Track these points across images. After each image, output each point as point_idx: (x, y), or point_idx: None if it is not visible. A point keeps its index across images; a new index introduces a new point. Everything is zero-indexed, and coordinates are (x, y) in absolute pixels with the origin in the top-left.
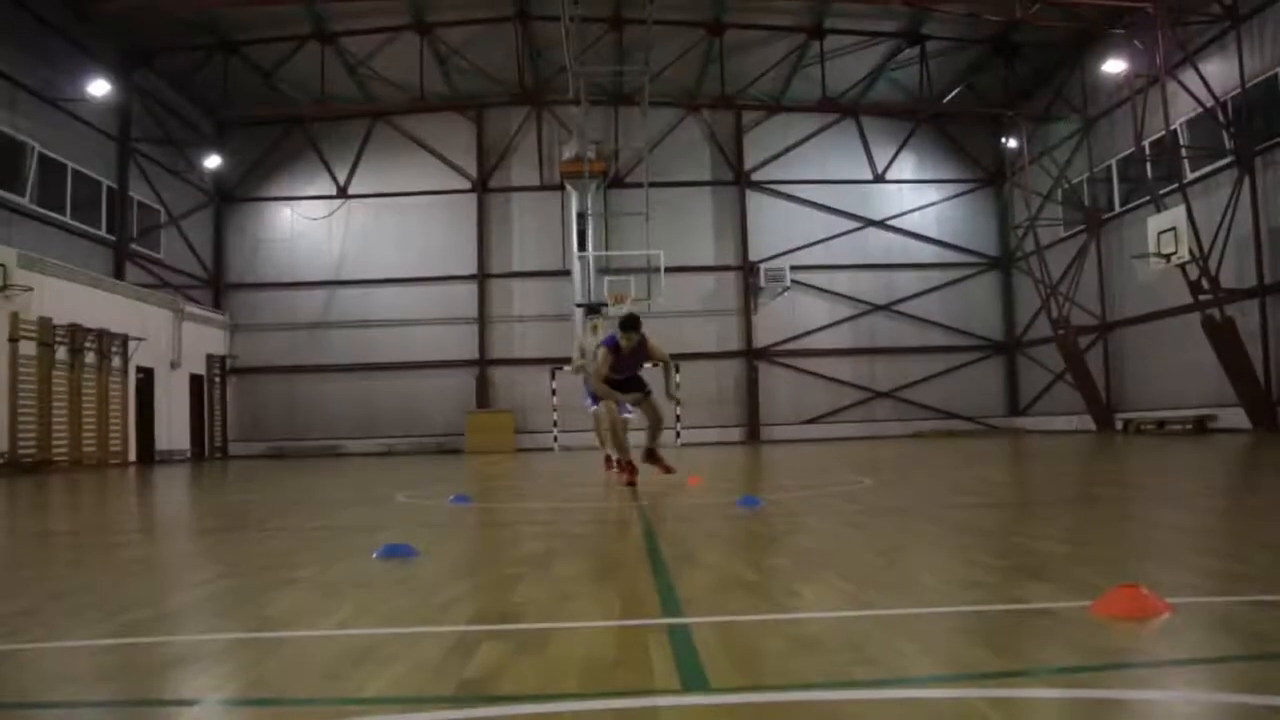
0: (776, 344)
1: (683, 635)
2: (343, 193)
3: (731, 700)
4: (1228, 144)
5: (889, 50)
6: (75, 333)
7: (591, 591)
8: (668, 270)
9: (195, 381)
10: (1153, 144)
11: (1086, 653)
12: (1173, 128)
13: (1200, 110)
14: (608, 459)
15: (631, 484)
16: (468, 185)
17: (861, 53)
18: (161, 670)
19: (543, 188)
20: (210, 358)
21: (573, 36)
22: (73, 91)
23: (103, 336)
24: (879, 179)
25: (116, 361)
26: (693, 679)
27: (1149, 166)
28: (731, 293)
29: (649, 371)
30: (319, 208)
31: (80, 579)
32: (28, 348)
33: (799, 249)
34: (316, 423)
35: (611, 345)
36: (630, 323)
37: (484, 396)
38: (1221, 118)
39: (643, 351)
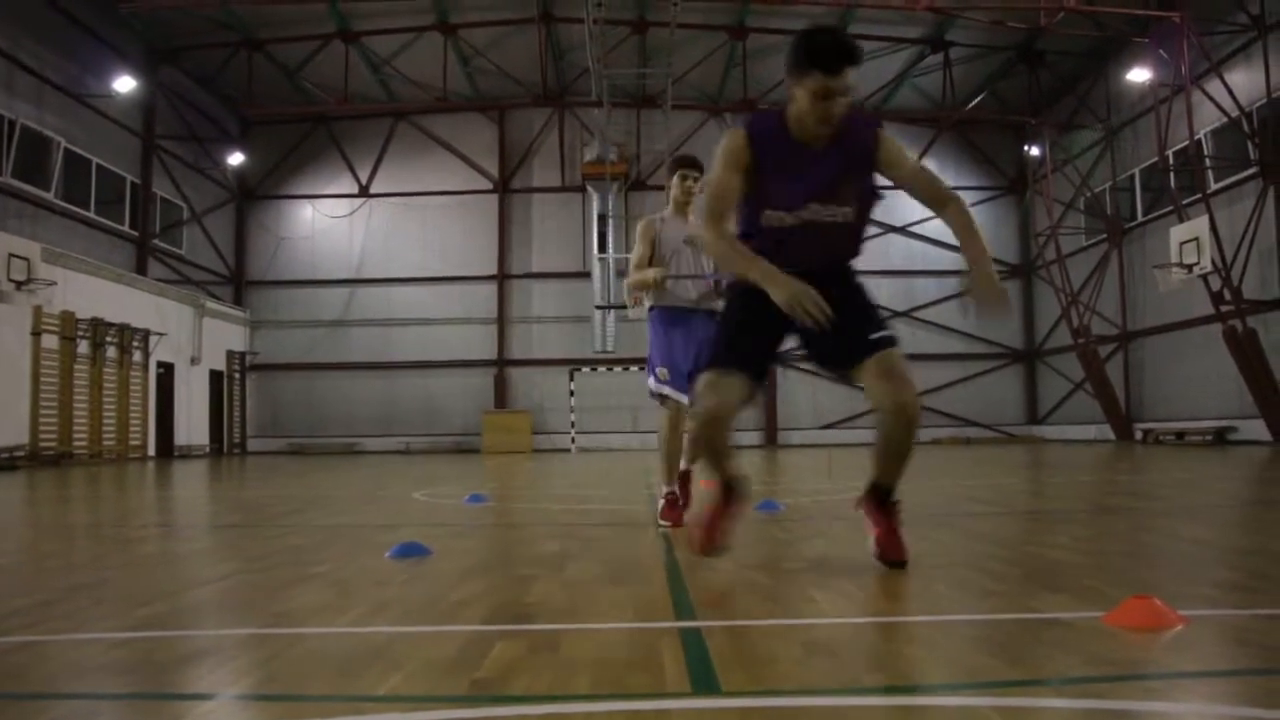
0: (795, 348)
1: (695, 638)
2: (364, 191)
3: (742, 704)
4: (1252, 155)
5: (912, 56)
6: (97, 327)
7: (605, 593)
8: None
9: (215, 377)
10: (1176, 154)
11: (1099, 663)
12: (1197, 137)
13: (1225, 120)
14: (671, 497)
15: (675, 523)
16: (489, 186)
17: (885, 58)
18: (178, 664)
19: (564, 189)
20: (230, 354)
21: (596, 39)
22: (98, 88)
23: (124, 331)
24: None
25: (137, 356)
26: (704, 682)
27: (1172, 176)
28: None
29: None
30: (341, 206)
31: (99, 572)
32: (50, 341)
33: None
34: (335, 420)
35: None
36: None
37: (502, 397)
38: (1246, 128)
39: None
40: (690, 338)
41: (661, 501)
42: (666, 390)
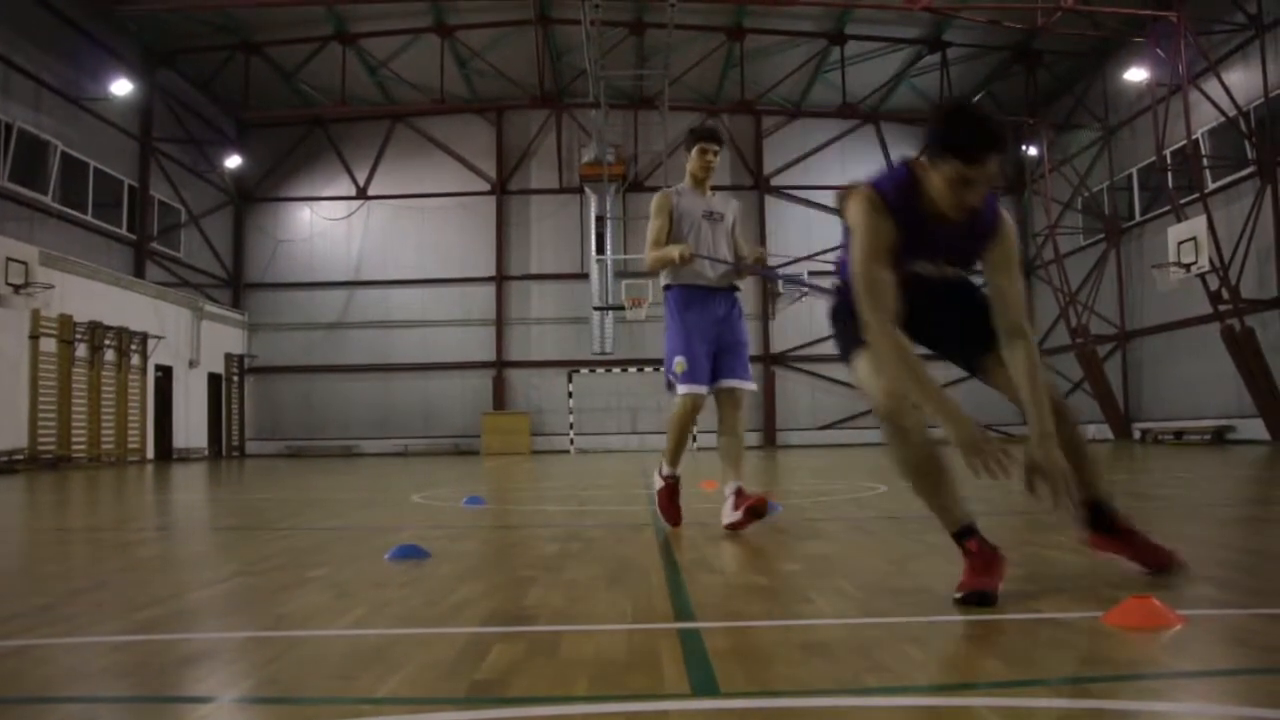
0: (794, 349)
1: (694, 639)
2: (362, 194)
3: (741, 705)
4: (1250, 154)
5: (910, 56)
6: (95, 330)
7: (604, 595)
8: None
9: (213, 380)
10: (1174, 153)
11: (1097, 663)
12: (1194, 137)
13: (1222, 120)
14: (671, 480)
15: (674, 523)
16: (487, 187)
17: (882, 59)
18: (177, 667)
19: (561, 190)
20: (229, 357)
21: (593, 40)
22: (95, 91)
23: (122, 334)
24: None
25: (136, 359)
26: (703, 683)
27: (1170, 176)
28: (750, 298)
29: None
30: (339, 208)
31: (98, 575)
32: (48, 345)
33: (817, 254)
34: (333, 422)
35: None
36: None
37: (500, 398)
38: (1244, 127)
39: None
40: (709, 319)
41: (660, 482)
42: (682, 388)
